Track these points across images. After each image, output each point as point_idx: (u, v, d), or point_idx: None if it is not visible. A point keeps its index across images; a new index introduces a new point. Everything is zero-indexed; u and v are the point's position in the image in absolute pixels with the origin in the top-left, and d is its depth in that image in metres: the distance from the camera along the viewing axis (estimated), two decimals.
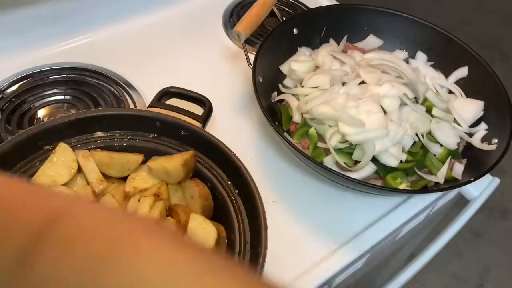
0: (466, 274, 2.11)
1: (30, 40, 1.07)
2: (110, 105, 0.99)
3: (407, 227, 0.97)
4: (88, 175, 0.73)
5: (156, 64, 1.11)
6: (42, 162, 0.72)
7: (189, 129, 0.77)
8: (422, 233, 1.30)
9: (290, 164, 0.95)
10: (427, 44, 1.04)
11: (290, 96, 0.96)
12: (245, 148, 0.95)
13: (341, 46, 1.07)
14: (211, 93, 0.89)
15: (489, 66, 0.95)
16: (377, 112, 0.85)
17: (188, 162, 0.73)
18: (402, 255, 1.41)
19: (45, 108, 0.98)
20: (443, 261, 2.12)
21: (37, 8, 1.05)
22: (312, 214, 0.88)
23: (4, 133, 0.91)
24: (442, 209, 1.11)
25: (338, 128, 0.84)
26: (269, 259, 0.65)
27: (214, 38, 1.21)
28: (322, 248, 0.83)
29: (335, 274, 0.82)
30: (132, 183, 0.75)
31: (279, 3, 1.30)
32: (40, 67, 1.05)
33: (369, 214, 0.89)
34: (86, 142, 0.77)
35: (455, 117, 0.93)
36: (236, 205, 0.73)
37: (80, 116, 0.76)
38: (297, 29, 1.04)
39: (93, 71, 1.06)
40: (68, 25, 1.12)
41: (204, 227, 0.68)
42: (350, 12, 1.07)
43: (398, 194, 0.90)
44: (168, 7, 1.24)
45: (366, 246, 0.85)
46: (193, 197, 0.74)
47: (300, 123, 0.91)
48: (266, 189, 0.89)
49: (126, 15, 1.19)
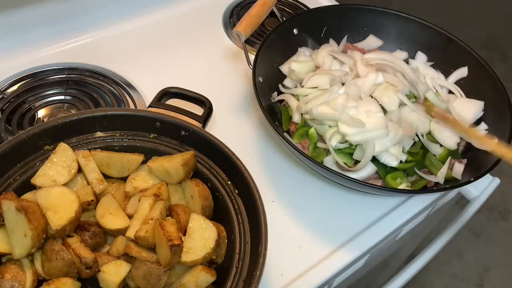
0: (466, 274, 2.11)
1: (30, 40, 1.07)
2: (110, 105, 0.99)
3: (407, 227, 0.97)
4: (88, 175, 0.73)
5: (156, 64, 1.11)
6: (42, 162, 0.72)
7: (189, 129, 0.77)
8: (422, 233, 1.30)
9: (290, 164, 0.95)
10: (427, 44, 1.04)
11: (290, 97, 0.96)
12: (245, 148, 0.95)
13: (341, 46, 1.07)
14: (211, 93, 0.89)
15: (489, 66, 0.95)
16: (377, 112, 0.85)
17: (188, 162, 0.73)
18: (402, 255, 1.41)
19: (45, 108, 0.98)
20: (443, 261, 2.12)
21: (37, 8, 1.05)
22: (312, 214, 0.88)
23: (4, 133, 0.91)
24: (442, 209, 1.11)
25: (338, 128, 0.84)
26: (269, 259, 0.65)
27: (214, 38, 1.21)
28: (322, 248, 0.84)
29: (335, 274, 0.82)
30: (132, 183, 0.75)
31: (279, 3, 1.30)
32: (40, 67, 1.05)
33: (369, 214, 0.89)
34: (86, 142, 0.77)
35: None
36: (236, 205, 0.73)
37: (80, 116, 0.76)
38: (297, 29, 1.04)
39: (93, 71, 1.06)
40: (68, 25, 1.12)
41: (204, 227, 0.68)
42: (350, 12, 1.07)
43: (398, 194, 0.90)
44: (168, 7, 1.24)
45: (366, 246, 0.85)
46: (193, 197, 0.74)
47: (300, 123, 0.91)
48: (266, 189, 0.90)
49: (126, 15, 1.19)
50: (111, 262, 0.67)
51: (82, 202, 0.68)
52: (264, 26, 1.22)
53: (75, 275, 0.65)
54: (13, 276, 0.63)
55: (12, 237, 0.63)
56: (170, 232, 0.64)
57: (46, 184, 0.69)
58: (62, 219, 0.64)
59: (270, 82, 0.98)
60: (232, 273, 0.66)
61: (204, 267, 0.67)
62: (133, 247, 0.67)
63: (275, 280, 0.78)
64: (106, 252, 0.70)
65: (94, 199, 0.71)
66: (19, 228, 0.62)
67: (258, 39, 1.16)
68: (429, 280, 2.06)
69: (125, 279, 0.67)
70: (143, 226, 0.67)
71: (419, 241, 1.37)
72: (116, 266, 0.67)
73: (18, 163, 0.72)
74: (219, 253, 0.70)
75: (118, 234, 0.70)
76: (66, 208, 0.65)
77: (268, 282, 0.78)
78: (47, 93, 1.00)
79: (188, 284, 0.66)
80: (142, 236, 0.66)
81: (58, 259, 0.64)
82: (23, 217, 0.61)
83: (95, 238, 0.69)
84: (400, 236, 0.99)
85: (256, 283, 0.61)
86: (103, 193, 0.74)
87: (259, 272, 0.62)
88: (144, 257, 0.66)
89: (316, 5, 1.14)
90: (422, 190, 0.86)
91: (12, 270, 0.63)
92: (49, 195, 0.66)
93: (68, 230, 0.65)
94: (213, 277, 0.67)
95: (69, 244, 0.65)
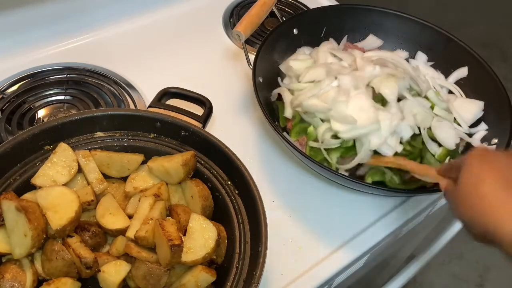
0: (466, 274, 2.11)
1: (30, 40, 1.07)
2: (110, 105, 0.99)
3: (407, 227, 0.97)
4: (88, 175, 0.73)
5: (156, 64, 1.11)
6: (42, 162, 0.72)
7: (189, 129, 0.77)
8: (422, 233, 1.30)
9: (290, 164, 0.95)
10: (427, 44, 1.04)
11: (285, 91, 0.95)
12: (245, 148, 0.95)
13: (341, 46, 1.07)
14: (211, 93, 0.89)
15: (489, 66, 0.95)
16: (368, 108, 0.84)
17: (188, 162, 0.73)
18: (402, 255, 1.41)
19: (45, 108, 0.98)
20: (443, 261, 2.12)
21: (37, 8, 1.05)
22: (312, 214, 0.88)
23: (4, 133, 0.91)
24: (442, 209, 1.11)
25: (330, 125, 0.84)
26: (269, 259, 0.65)
27: (214, 38, 1.21)
28: (322, 248, 0.83)
29: (335, 274, 0.82)
30: (132, 183, 0.75)
31: (279, 3, 1.30)
32: (40, 67, 1.05)
33: (369, 214, 0.89)
34: (86, 142, 0.77)
35: (455, 116, 0.93)
36: (236, 205, 0.73)
37: (80, 116, 0.76)
38: (297, 29, 1.04)
39: (93, 71, 1.06)
40: (68, 25, 1.12)
41: (204, 227, 0.68)
42: (350, 12, 1.07)
43: (398, 194, 0.90)
44: (168, 7, 1.24)
45: (366, 246, 0.85)
46: (193, 197, 0.74)
47: (295, 120, 0.91)
48: (266, 189, 0.90)
49: (126, 15, 1.19)
50: (111, 262, 0.67)
51: (82, 202, 0.68)
52: (264, 26, 1.22)
53: (75, 275, 0.65)
54: (13, 276, 0.63)
55: (12, 237, 0.63)
56: (170, 232, 0.64)
57: (46, 184, 0.69)
58: (62, 219, 0.64)
59: (270, 82, 0.98)
60: (232, 273, 0.66)
61: (204, 267, 0.67)
62: (133, 247, 0.67)
63: (275, 280, 0.78)
64: (106, 252, 0.70)
65: (94, 199, 0.71)
66: (19, 228, 0.62)
67: (258, 39, 1.16)
68: (429, 280, 2.06)
69: (125, 279, 0.67)
70: (143, 226, 0.67)
71: (419, 241, 1.37)
72: (116, 266, 0.67)
73: (18, 163, 0.72)
74: (219, 253, 0.70)
75: (118, 234, 0.70)
76: (66, 208, 0.65)
77: (268, 282, 0.78)
78: (47, 93, 1.00)
79: (188, 284, 0.66)
80: (142, 236, 0.66)
81: (58, 259, 0.64)
82: (23, 217, 0.61)
83: (95, 238, 0.69)
84: (400, 236, 0.99)
85: (256, 283, 0.61)
86: (103, 193, 0.74)
87: (259, 272, 0.62)
88: (144, 257, 0.66)
89: (316, 5, 1.14)
90: (422, 190, 0.86)
91: (12, 270, 0.63)
92: (49, 195, 0.66)
93: (68, 230, 0.65)
94: (213, 277, 0.67)
95: (69, 244, 0.65)
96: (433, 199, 0.95)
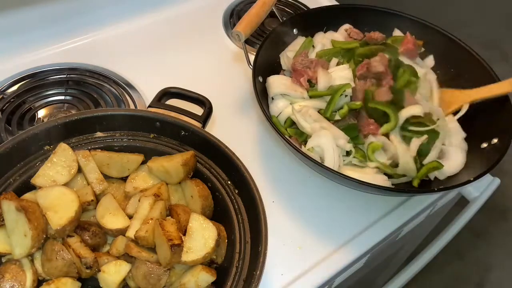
0: (466, 274, 2.11)
1: (30, 40, 1.07)
2: (110, 105, 0.99)
3: (407, 227, 0.97)
4: (88, 175, 0.73)
5: (156, 64, 1.11)
6: (42, 162, 0.72)
7: (189, 129, 0.77)
8: (422, 233, 1.30)
9: (290, 164, 0.95)
10: (427, 44, 1.04)
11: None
12: (245, 148, 0.95)
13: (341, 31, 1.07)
14: (211, 93, 0.89)
15: (489, 66, 0.95)
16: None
17: (188, 162, 0.73)
18: (402, 255, 1.41)
19: (45, 108, 0.98)
20: (443, 261, 2.12)
21: (37, 8, 1.05)
22: (312, 214, 0.88)
23: (4, 133, 0.91)
24: (442, 209, 1.11)
25: None
26: (269, 259, 0.65)
27: (214, 38, 1.21)
28: (322, 248, 0.83)
29: (335, 274, 0.82)
30: (132, 183, 0.75)
31: (279, 3, 1.30)
32: (40, 67, 1.05)
33: (369, 214, 0.89)
34: (86, 142, 0.77)
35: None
36: (236, 205, 0.73)
37: (80, 116, 0.76)
38: (297, 29, 1.04)
39: (93, 71, 1.06)
40: (68, 25, 1.12)
41: (204, 226, 0.68)
42: (350, 12, 1.07)
43: (398, 194, 0.90)
44: (168, 7, 1.24)
45: (366, 246, 0.85)
46: (193, 197, 0.74)
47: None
48: (266, 189, 0.90)
49: (126, 15, 1.19)
50: (111, 262, 0.67)
51: (82, 202, 0.68)
52: (264, 26, 1.22)
53: (75, 275, 0.65)
54: (13, 276, 0.63)
55: (12, 237, 0.63)
56: (170, 232, 0.64)
57: (46, 184, 0.69)
58: (62, 219, 0.64)
59: None
60: (232, 273, 0.66)
61: (204, 267, 0.67)
62: (133, 247, 0.67)
63: (275, 280, 0.78)
64: (106, 252, 0.70)
65: (94, 199, 0.71)
66: (19, 228, 0.62)
67: (258, 39, 1.16)
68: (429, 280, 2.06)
69: (125, 279, 0.67)
70: (143, 226, 0.67)
71: (419, 241, 1.37)
72: (116, 266, 0.67)
73: (18, 163, 0.72)
74: (219, 253, 0.70)
75: (118, 234, 0.70)
76: (66, 208, 0.65)
77: (268, 282, 0.78)
78: (47, 93, 1.00)
79: (188, 284, 0.66)
80: (142, 236, 0.66)
81: (58, 259, 0.64)
82: (23, 217, 0.61)
83: (95, 238, 0.69)
84: (400, 236, 0.99)
85: (256, 283, 0.61)
86: (103, 193, 0.74)
87: (259, 272, 0.62)
88: (144, 257, 0.66)
89: (316, 5, 1.14)
90: (422, 190, 0.86)
91: (12, 270, 0.63)
92: (49, 195, 0.67)
93: (68, 230, 0.65)
94: (213, 276, 0.67)
95: (69, 244, 0.65)
96: (433, 199, 0.95)
